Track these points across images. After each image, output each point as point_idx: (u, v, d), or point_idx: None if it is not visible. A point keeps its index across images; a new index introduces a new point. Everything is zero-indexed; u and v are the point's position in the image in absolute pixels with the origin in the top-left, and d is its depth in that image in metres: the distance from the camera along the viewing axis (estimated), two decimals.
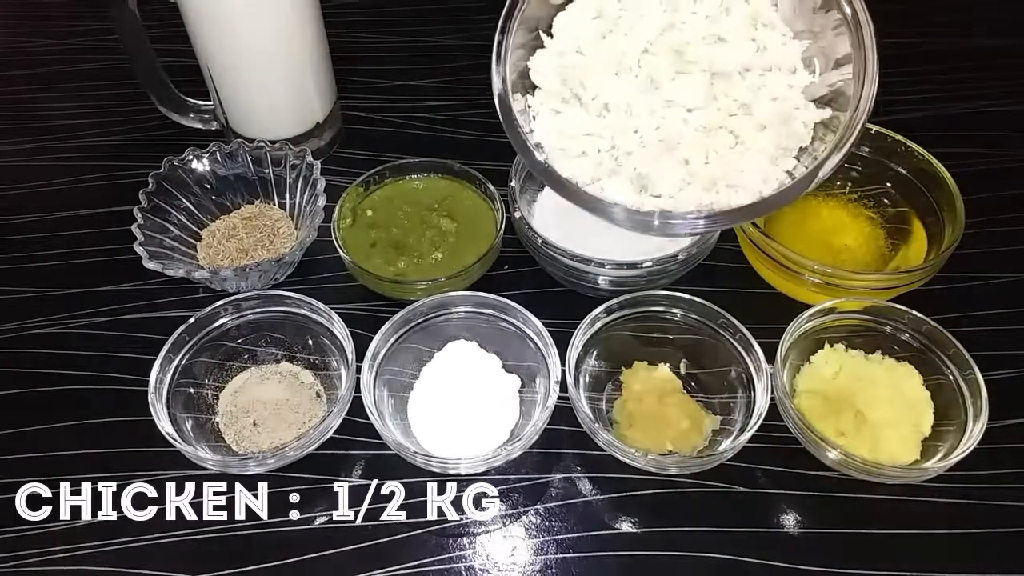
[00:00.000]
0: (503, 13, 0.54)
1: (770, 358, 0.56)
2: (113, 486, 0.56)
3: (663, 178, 0.51)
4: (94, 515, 0.54)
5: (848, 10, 0.51)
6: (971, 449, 0.51)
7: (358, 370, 0.56)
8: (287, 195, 0.70)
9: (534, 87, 0.55)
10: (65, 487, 0.55)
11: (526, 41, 0.55)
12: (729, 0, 0.54)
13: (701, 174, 0.52)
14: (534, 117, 0.55)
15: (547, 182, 0.54)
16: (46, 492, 0.55)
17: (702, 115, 0.52)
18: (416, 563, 0.52)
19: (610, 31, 0.54)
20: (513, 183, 0.63)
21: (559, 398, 0.54)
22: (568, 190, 0.52)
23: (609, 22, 0.54)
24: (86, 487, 0.55)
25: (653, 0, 0.54)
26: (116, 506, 0.55)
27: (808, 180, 0.51)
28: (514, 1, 0.54)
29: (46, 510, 0.55)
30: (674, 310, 0.60)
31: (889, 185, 0.67)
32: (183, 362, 0.58)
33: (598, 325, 0.59)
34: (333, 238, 0.63)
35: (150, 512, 0.54)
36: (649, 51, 0.53)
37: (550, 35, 0.55)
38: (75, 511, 0.55)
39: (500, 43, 0.54)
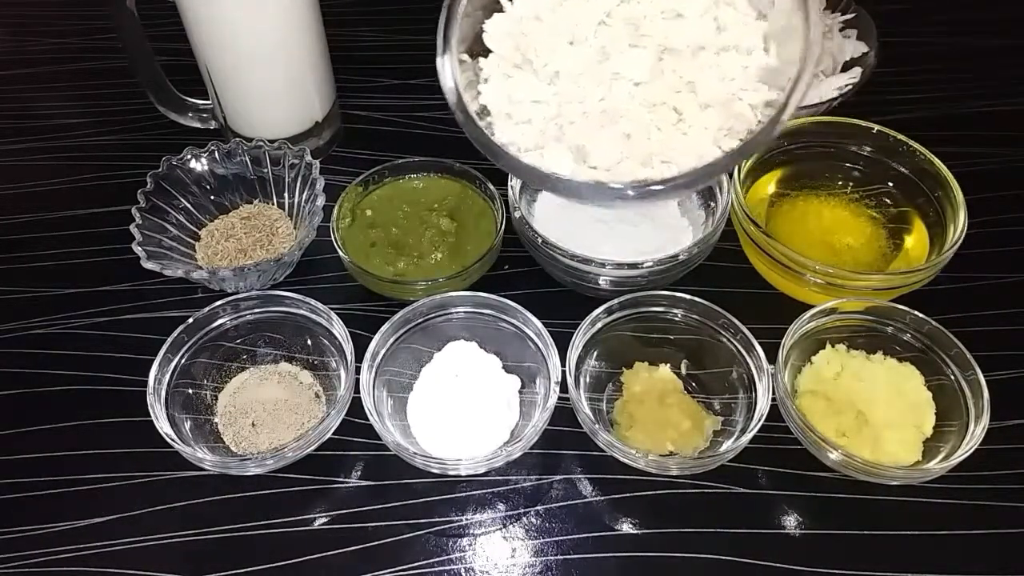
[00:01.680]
0: None
1: (771, 358, 0.55)
2: (112, 486, 0.56)
3: (601, 150, 0.51)
4: (93, 516, 0.54)
5: None
6: (973, 450, 0.51)
7: (357, 371, 0.56)
8: (286, 195, 0.69)
9: (487, 51, 0.55)
10: (64, 487, 0.55)
11: (484, 3, 0.55)
12: None
13: (639, 148, 0.51)
14: (485, 80, 0.55)
15: (479, 145, 0.52)
16: (45, 492, 0.55)
17: (648, 89, 0.52)
18: (416, 564, 0.52)
19: (569, 0, 0.54)
20: (513, 183, 0.63)
21: (559, 399, 0.54)
22: (502, 157, 0.52)
23: None
24: (85, 488, 0.55)
25: None
26: (115, 507, 0.55)
27: (732, 158, 0.50)
28: None
29: (45, 511, 0.55)
30: (675, 310, 0.60)
31: (891, 185, 0.67)
32: (182, 362, 0.57)
33: (598, 325, 0.59)
34: (332, 238, 0.63)
35: (149, 513, 0.54)
36: (605, 22, 0.53)
37: (511, 1, 0.55)
38: (74, 511, 0.54)
39: (453, 2, 0.53)
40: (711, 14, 0.52)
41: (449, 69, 0.52)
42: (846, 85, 0.72)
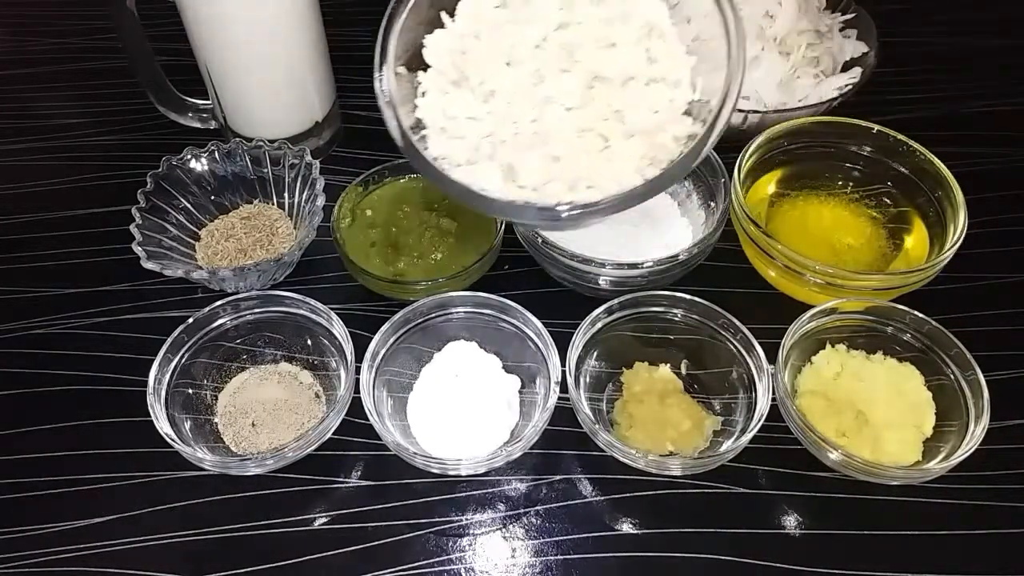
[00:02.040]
0: None
1: (771, 358, 0.55)
2: (112, 486, 0.56)
3: (530, 170, 0.52)
4: (93, 516, 0.54)
5: (720, 20, 0.52)
6: (973, 450, 0.51)
7: (357, 370, 0.56)
8: (286, 195, 0.69)
9: (427, 65, 0.56)
10: (64, 487, 0.55)
11: (427, 18, 0.56)
12: (629, 7, 0.54)
13: (567, 171, 0.53)
14: (423, 94, 0.56)
15: (409, 157, 0.53)
16: (45, 492, 0.55)
17: (578, 115, 0.53)
18: (416, 564, 0.52)
19: (510, 21, 0.55)
20: None
21: (559, 399, 0.54)
22: (430, 171, 0.53)
23: (510, 12, 0.55)
24: (85, 488, 0.55)
25: None
26: (115, 507, 0.55)
27: (650, 187, 0.51)
28: None
29: (45, 511, 0.55)
30: (675, 310, 0.60)
31: (891, 184, 0.67)
32: (182, 362, 0.57)
33: (598, 325, 0.59)
34: (332, 238, 0.63)
35: (149, 513, 0.54)
36: (541, 46, 0.54)
37: (452, 17, 0.56)
38: (74, 511, 0.54)
39: (394, 14, 0.54)
40: (643, 45, 0.54)
41: (386, 83, 0.54)
42: (846, 85, 0.72)
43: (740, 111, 0.68)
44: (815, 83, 0.73)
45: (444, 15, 0.56)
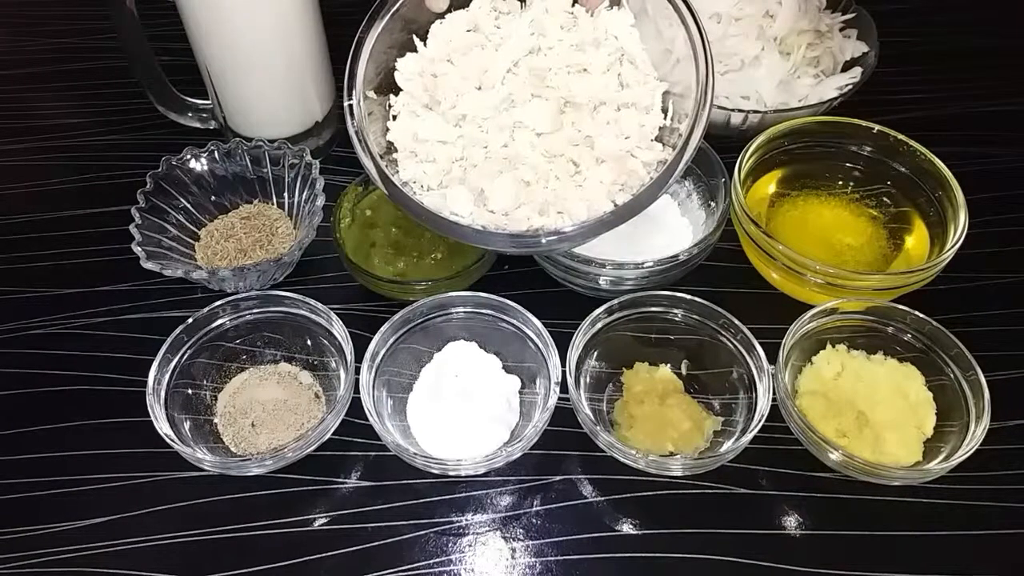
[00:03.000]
0: (370, 12, 0.55)
1: (772, 359, 0.55)
2: (112, 486, 0.56)
3: (500, 194, 0.52)
4: (93, 516, 0.54)
5: (687, 49, 0.52)
6: (973, 450, 0.51)
7: (357, 371, 0.56)
8: (285, 195, 0.69)
9: (399, 88, 0.57)
10: (64, 487, 0.55)
11: (399, 41, 0.56)
12: (599, 33, 0.55)
13: (537, 196, 0.53)
14: (394, 117, 0.56)
15: (383, 186, 0.53)
16: (45, 492, 0.55)
17: (548, 140, 0.53)
18: (416, 564, 0.52)
19: (481, 46, 0.56)
20: None
21: (559, 399, 0.54)
22: (400, 196, 0.53)
23: (481, 37, 0.56)
24: (85, 488, 0.55)
25: (524, 22, 0.55)
26: (115, 507, 0.55)
27: (619, 214, 0.51)
28: (382, 2, 0.55)
29: (45, 511, 0.55)
30: (675, 310, 0.60)
31: (891, 184, 0.67)
32: (181, 363, 0.57)
33: (598, 325, 0.59)
34: (332, 238, 0.63)
35: (149, 513, 0.54)
36: (513, 71, 0.55)
37: (424, 41, 0.56)
38: (74, 511, 0.54)
39: (362, 39, 0.55)
40: (614, 71, 0.54)
41: (355, 109, 0.54)
42: (846, 85, 0.72)
43: (740, 111, 0.69)
44: (815, 83, 0.73)
45: (416, 39, 0.56)
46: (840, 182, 0.69)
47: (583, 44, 0.55)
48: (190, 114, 0.74)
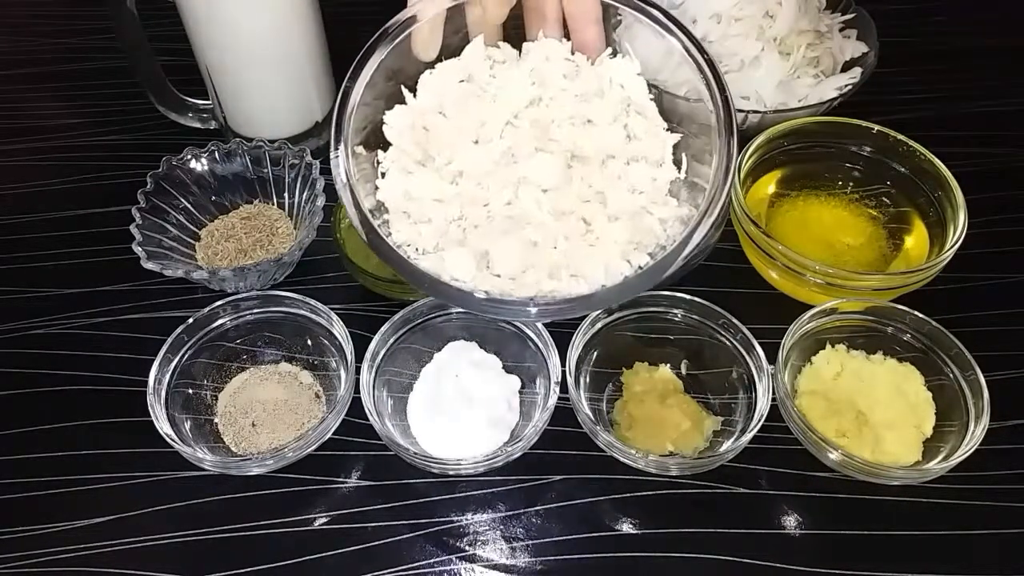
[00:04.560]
0: (356, 61, 0.50)
1: (771, 359, 0.55)
2: (112, 486, 0.56)
3: (506, 257, 0.48)
4: (93, 516, 0.54)
5: (711, 107, 0.49)
6: (973, 450, 0.51)
7: (357, 371, 0.56)
8: (286, 195, 0.69)
9: (387, 143, 0.52)
10: (64, 487, 0.55)
11: (385, 92, 0.52)
12: (604, 83, 0.52)
13: (546, 259, 0.48)
14: (383, 174, 0.52)
15: (376, 248, 0.48)
16: (45, 492, 0.55)
17: (556, 197, 0.49)
18: (416, 564, 0.52)
19: (477, 97, 0.51)
20: None
21: (559, 399, 0.54)
22: (394, 259, 0.47)
23: (477, 87, 0.52)
24: (85, 488, 0.55)
25: (523, 71, 0.52)
26: (115, 507, 0.55)
27: (644, 278, 0.47)
28: (368, 50, 0.51)
29: (45, 510, 0.55)
30: (675, 310, 0.60)
31: (890, 184, 0.67)
32: (182, 363, 0.57)
33: (598, 326, 0.59)
34: (332, 238, 0.63)
35: (149, 513, 0.54)
36: (513, 123, 0.51)
37: (413, 93, 0.52)
38: (74, 511, 0.54)
39: (348, 89, 0.50)
40: (621, 122, 0.51)
41: (342, 163, 0.49)
42: (846, 85, 0.72)
43: (740, 111, 0.68)
44: (815, 83, 0.73)
45: (404, 90, 0.52)
46: (840, 182, 0.69)
47: (587, 94, 0.51)
48: (190, 114, 0.74)
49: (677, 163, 0.51)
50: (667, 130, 0.52)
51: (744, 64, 0.72)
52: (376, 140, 0.52)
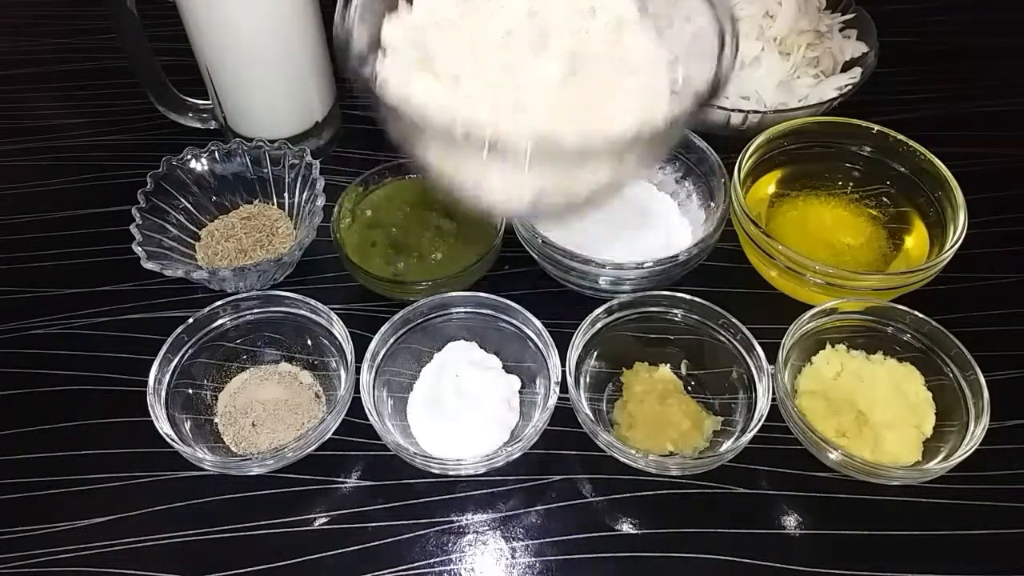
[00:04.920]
0: None
1: (771, 359, 0.55)
2: (112, 486, 0.56)
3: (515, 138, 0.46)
4: (93, 516, 0.54)
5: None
6: (973, 450, 0.51)
7: (357, 371, 0.56)
8: (286, 195, 0.69)
9: (385, 51, 0.51)
10: (64, 487, 0.55)
11: (384, 1, 0.51)
12: (597, 2, 0.51)
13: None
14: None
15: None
16: (45, 492, 0.55)
17: (562, 93, 0.48)
18: (416, 564, 0.52)
19: (475, 10, 0.51)
20: None
21: (559, 399, 0.54)
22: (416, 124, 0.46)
23: (473, 4, 0.51)
24: (85, 488, 0.55)
25: None
26: (115, 507, 0.55)
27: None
28: None
29: (45, 510, 0.55)
30: (675, 310, 0.60)
31: (890, 184, 0.67)
32: (182, 363, 0.57)
33: (598, 325, 0.59)
34: (332, 238, 0.63)
35: (149, 513, 0.54)
36: (506, 39, 0.50)
37: (410, 4, 0.52)
38: (74, 511, 0.54)
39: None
40: (615, 37, 0.51)
41: (355, 37, 0.48)
42: (846, 85, 0.72)
43: (740, 111, 0.69)
44: (815, 83, 0.73)
45: (403, 1, 0.52)
46: (840, 182, 0.69)
47: (581, 10, 0.51)
48: (190, 114, 0.74)
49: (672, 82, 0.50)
50: (659, 47, 0.51)
51: (744, 64, 0.72)
52: (375, 48, 0.51)
